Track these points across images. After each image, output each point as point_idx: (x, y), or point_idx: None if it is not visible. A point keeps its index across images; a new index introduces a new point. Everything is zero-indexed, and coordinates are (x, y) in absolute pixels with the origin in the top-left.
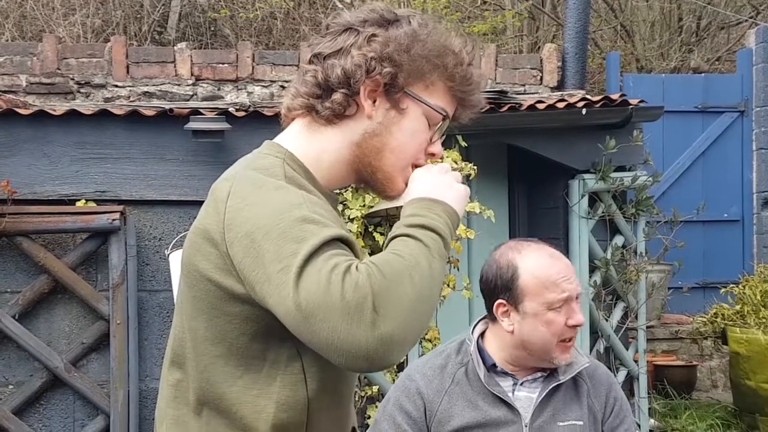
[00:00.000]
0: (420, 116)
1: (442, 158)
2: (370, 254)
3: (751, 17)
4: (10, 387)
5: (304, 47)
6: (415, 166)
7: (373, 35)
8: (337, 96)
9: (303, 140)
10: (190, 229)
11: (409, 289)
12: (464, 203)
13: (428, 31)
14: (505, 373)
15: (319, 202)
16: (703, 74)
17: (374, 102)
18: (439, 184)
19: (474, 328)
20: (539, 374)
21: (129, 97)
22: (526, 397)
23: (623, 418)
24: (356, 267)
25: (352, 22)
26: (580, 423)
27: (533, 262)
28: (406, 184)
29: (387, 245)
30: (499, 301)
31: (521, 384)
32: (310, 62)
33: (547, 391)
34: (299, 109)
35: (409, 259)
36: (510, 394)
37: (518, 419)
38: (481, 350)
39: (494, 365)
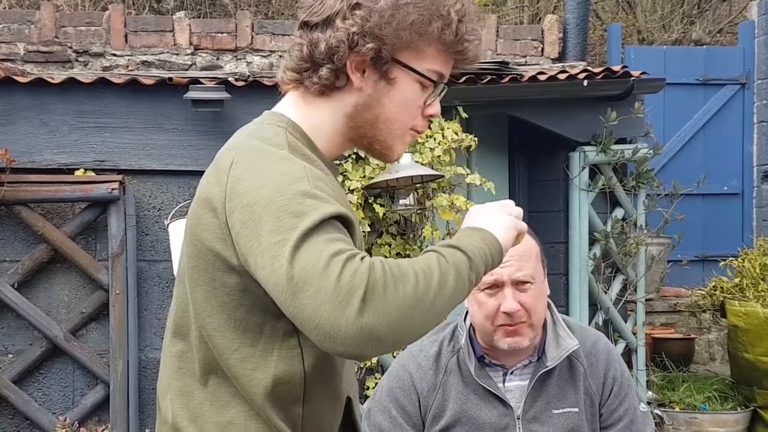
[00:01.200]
0: (411, 83)
1: (440, 124)
2: (370, 226)
3: None
4: (10, 356)
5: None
6: (414, 130)
7: (357, 4)
8: (324, 71)
9: (300, 111)
10: (194, 198)
11: (409, 292)
12: (510, 232)
13: None
14: (494, 364)
15: (321, 174)
16: (704, 46)
17: (363, 73)
18: (486, 215)
19: (466, 315)
20: (527, 361)
21: (127, 66)
22: (517, 386)
23: (623, 398)
24: (361, 258)
25: None
26: (575, 410)
27: None
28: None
29: None
30: None
31: (511, 373)
32: (300, 30)
33: (537, 378)
34: (290, 83)
35: (423, 267)
36: (500, 386)
37: (510, 412)
38: (472, 341)
39: (483, 357)
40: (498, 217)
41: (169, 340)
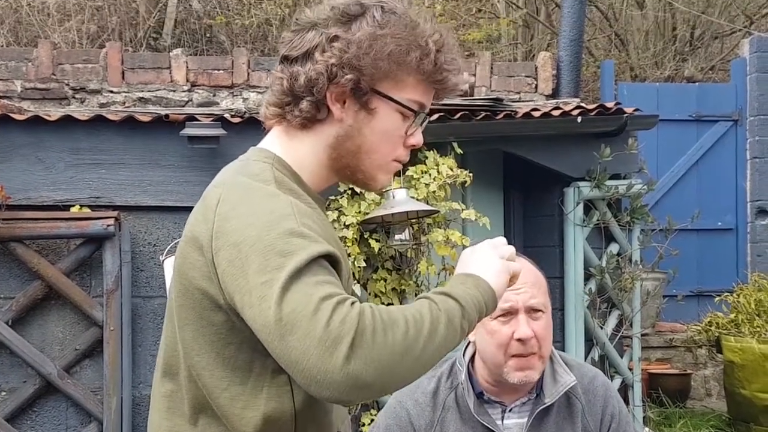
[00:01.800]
0: (392, 113)
1: (421, 150)
2: (365, 261)
3: (744, 27)
4: (3, 393)
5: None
6: (396, 160)
7: (335, 36)
8: (305, 104)
9: (284, 146)
10: (182, 237)
11: (398, 339)
12: (503, 276)
13: (390, 27)
14: (492, 401)
15: (308, 210)
16: (697, 83)
17: (343, 104)
18: (479, 259)
19: (465, 350)
20: (526, 398)
21: (124, 102)
22: (515, 424)
23: None
24: (351, 303)
25: (316, 19)
26: None
27: None
28: (391, 175)
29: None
30: None
31: (510, 410)
32: (280, 65)
33: (536, 415)
34: (273, 118)
35: (414, 315)
36: (499, 423)
37: None
38: (471, 377)
39: (482, 393)
40: (491, 262)
41: (159, 380)
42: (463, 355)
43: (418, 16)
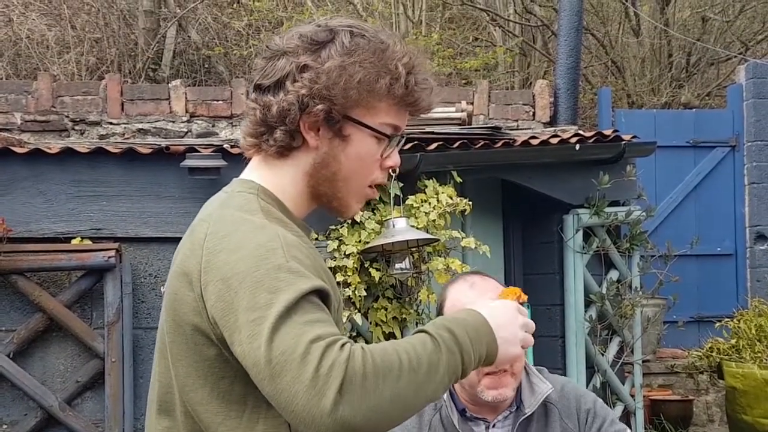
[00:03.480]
0: (366, 138)
1: (397, 171)
2: (366, 290)
3: (740, 53)
4: (4, 426)
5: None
6: (372, 185)
7: (305, 66)
8: (278, 133)
9: (265, 175)
10: (171, 272)
11: (391, 390)
12: (513, 349)
13: (359, 53)
14: (476, 418)
15: (296, 241)
16: (693, 110)
17: (317, 132)
18: (505, 319)
19: None
20: (507, 412)
21: (124, 134)
22: None
23: (604, 418)
24: (341, 345)
25: (285, 47)
26: None
27: (454, 292)
28: (366, 201)
29: (418, 331)
30: None
31: (493, 426)
32: (253, 94)
33: (518, 427)
34: (250, 148)
35: (411, 362)
36: None
37: None
38: (452, 394)
39: (464, 410)
40: (513, 328)
41: (155, 418)
42: None
43: (389, 38)
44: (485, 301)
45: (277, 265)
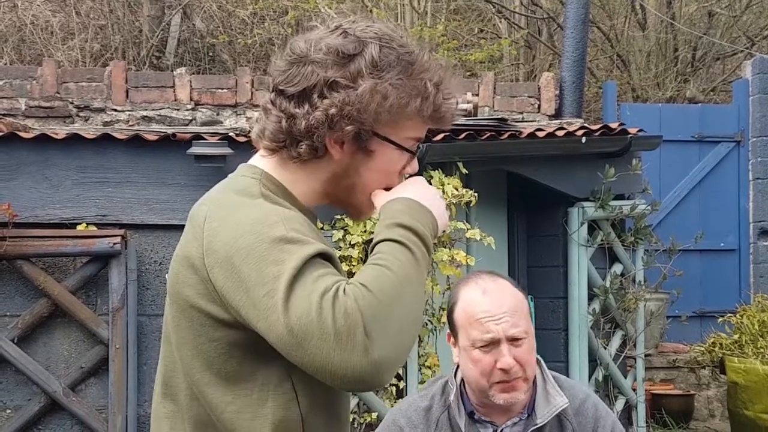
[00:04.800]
0: (390, 153)
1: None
2: None
3: (746, 48)
4: (8, 411)
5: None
6: (387, 188)
7: (335, 82)
8: (303, 148)
9: (275, 167)
10: (173, 257)
11: (400, 310)
12: (445, 222)
13: (390, 71)
14: (484, 421)
15: (296, 216)
16: (699, 104)
17: (342, 145)
18: (429, 195)
19: (456, 370)
20: (517, 418)
21: (128, 121)
22: None
23: None
24: (344, 290)
25: (311, 56)
26: None
27: (467, 296)
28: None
29: (376, 245)
30: (448, 331)
31: (501, 431)
32: (273, 95)
33: None
34: (266, 149)
35: (400, 275)
36: None
37: None
38: (462, 395)
39: (473, 413)
40: (440, 202)
41: (159, 401)
42: (455, 376)
43: (414, 46)
44: (394, 190)
45: (279, 237)
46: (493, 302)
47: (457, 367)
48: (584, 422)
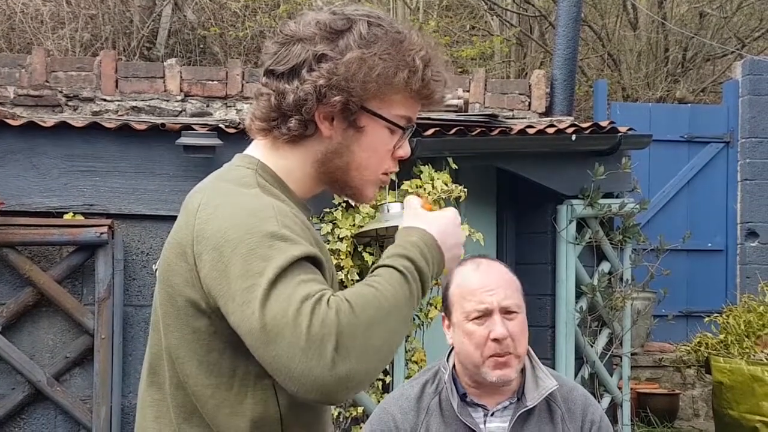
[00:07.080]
0: (380, 129)
1: (410, 160)
2: (359, 274)
3: (736, 49)
4: None
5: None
6: (385, 173)
7: (323, 55)
8: (293, 122)
9: (270, 155)
10: (165, 243)
11: (378, 335)
12: (453, 266)
13: (378, 44)
14: (475, 404)
15: (291, 213)
16: (689, 104)
17: (332, 122)
18: (452, 239)
19: (449, 355)
20: (507, 402)
21: (117, 111)
22: (497, 428)
23: None
24: (327, 301)
25: (300, 34)
26: None
27: (460, 273)
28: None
29: (377, 268)
30: (442, 314)
31: (492, 414)
32: (265, 78)
33: (517, 418)
34: (259, 132)
35: (389, 302)
36: (482, 426)
37: None
38: (455, 379)
39: (465, 395)
40: (456, 235)
41: (146, 389)
42: (447, 359)
43: (405, 29)
44: (425, 216)
45: (270, 233)
46: (486, 276)
47: (450, 351)
48: (573, 408)
